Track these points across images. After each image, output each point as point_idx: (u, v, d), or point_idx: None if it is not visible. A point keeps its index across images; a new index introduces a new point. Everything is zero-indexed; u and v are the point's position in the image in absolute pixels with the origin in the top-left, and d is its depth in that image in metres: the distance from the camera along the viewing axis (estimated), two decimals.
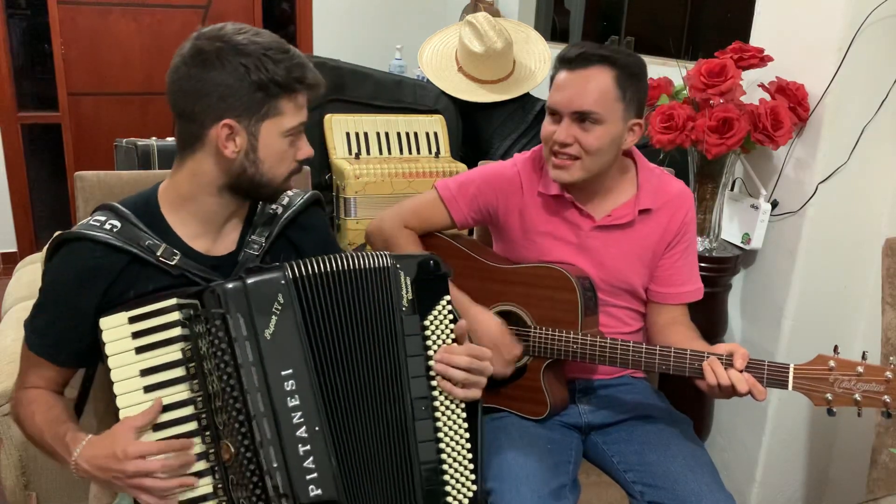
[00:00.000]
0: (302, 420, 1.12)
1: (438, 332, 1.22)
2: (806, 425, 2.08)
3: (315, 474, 1.11)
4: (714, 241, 1.99)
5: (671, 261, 1.58)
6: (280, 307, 1.13)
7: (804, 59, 1.84)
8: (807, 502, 2.18)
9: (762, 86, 1.87)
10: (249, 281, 1.11)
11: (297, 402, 1.12)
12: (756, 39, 1.98)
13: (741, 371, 1.31)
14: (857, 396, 1.25)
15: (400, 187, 2.21)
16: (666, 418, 1.57)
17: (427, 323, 1.22)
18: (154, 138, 2.22)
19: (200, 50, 1.13)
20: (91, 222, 1.20)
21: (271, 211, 1.31)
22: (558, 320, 1.49)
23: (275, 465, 1.10)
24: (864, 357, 1.27)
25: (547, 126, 1.49)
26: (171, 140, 2.27)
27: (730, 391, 1.32)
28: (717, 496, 1.38)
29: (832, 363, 1.27)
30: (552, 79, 1.49)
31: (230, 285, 1.11)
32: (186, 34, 1.19)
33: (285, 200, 1.33)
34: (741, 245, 1.99)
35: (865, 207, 1.93)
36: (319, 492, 1.11)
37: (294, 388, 1.12)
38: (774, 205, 1.94)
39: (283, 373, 1.11)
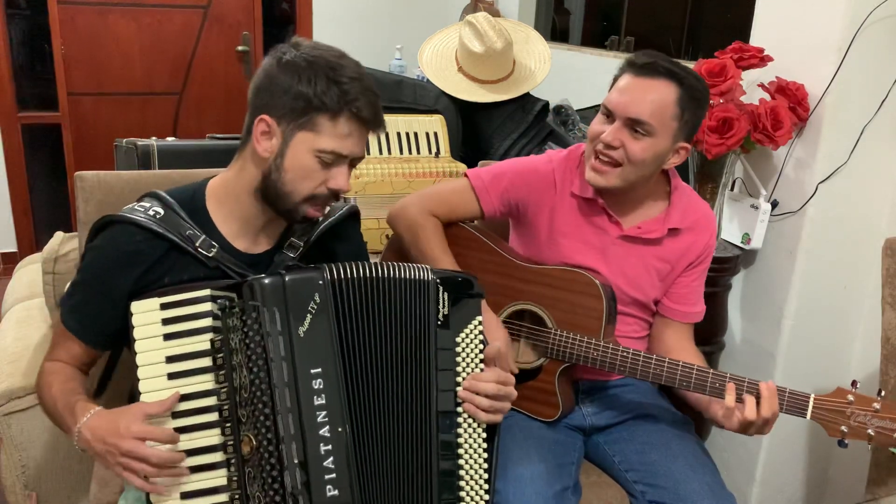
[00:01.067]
0: (326, 419, 1.12)
1: (469, 350, 1.24)
2: (806, 425, 2.08)
3: (333, 475, 1.12)
4: (715, 245, 1.99)
5: (688, 280, 1.59)
6: (316, 307, 1.14)
7: (804, 59, 1.84)
8: (807, 502, 2.18)
9: (762, 86, 1.87)
10: (288, 278, 1.13)
11: (323, 402, 1.12)
12: (756, 39, 1.98)
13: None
14: (871, 431, 1.28)
15: (400, 187, 2.21)
16: (667, 418, 1.57)
17: (459, 340, 1.23)
18: (154, 138, 2.22)
19: (283, 53, 1.19)
20: (136, 207, 1.24)
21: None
22: (579, 325, 1.48)
23: (295, 461, 1.10)
24: (879, 394, 1.30)
25: (597, 125, 1.47)
26: (171, 140, 2.28)
27: (746, 422, 1.33)
28: (719, 496, 1.39)
29: (851, 397, 1.30)
30: (615, 79, 1.47)
31: (268, 280, 1.12)
32: (186, 34, 1.20)
33: (326, 210, 1.34)
34: (741, 245, 1.99)
35: (865, 207, 1.93)
36: (336, 492, 1.12)
37: (322, 387, 1.12)
38: (774, 205, 1.94)
39: (312, 371, 1.12)
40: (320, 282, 1.14)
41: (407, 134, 2.37)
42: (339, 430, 1.13)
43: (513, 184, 1.60)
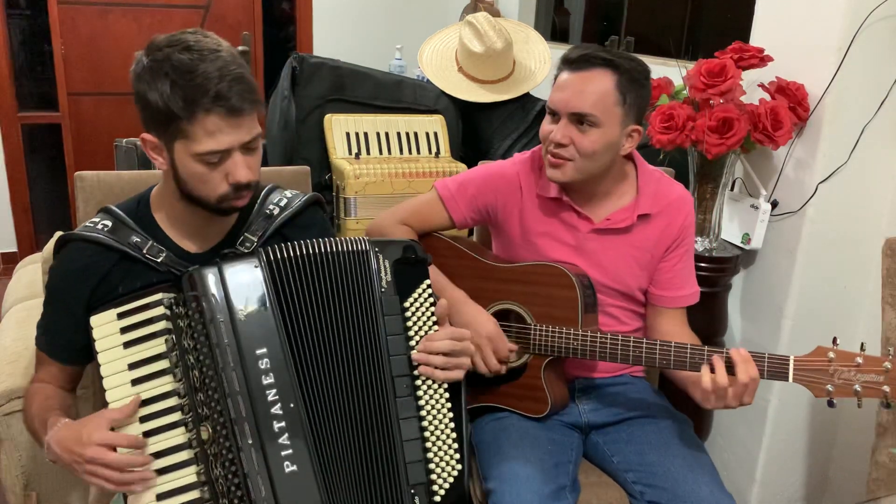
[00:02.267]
0: (277, 397, 1.14)
1: (419, 313, 1.24)
2: (806, 425, 2.08)
3: (290, 450, 1.13)
4: (714, 241, 1.99)
5: (670, 264, 1.59)
6: (255, 288, 1.15)
7: (804, 59, 1.84)
8: (807, 502, 2.18)
9: (762, 86, 1.87)
10: (224, 264, 1.15)
11: (272, 380, 1.14)
12: (756, 39, 1.98)
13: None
14: (857, 387, 1.26)
15: (400, 187, 2.21)
16: (666, 418, 1.57)
17: (407, 305, 1.24)
18: None
19: (138, 61, 1.14)
20: (87, 224, 1.26)
21: (267, 211, 1.32)
22: (558, 318, 1.49)
23: (249, 441, 1.11)
24: (862, 348, 1.28)
25: (545, 125, 1.49)
26: None
27: (724, 389, 1.32)
28: (718, 496, 1.38)
29: (831, 354, 1.28)
30: (555, 78, 1.49)
31: (205, 269, 1.14)
32: None
33: (283, 202, 1.34)
34: (741, 245, 1.99)
35: (865, 207, 1.93)
36: (295, 468, 1.13)
37: (269, 366, 1.14)
38: (774, 205, 1.94)
39: (257, 352, 1.14)
40: (256, 265, 1.16)
41: (407, 134, 2.37)
42: (291, 405, 1.14)
43: (480, 190, 1.61)
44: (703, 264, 1.91)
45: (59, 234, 1.80)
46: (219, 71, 1.09)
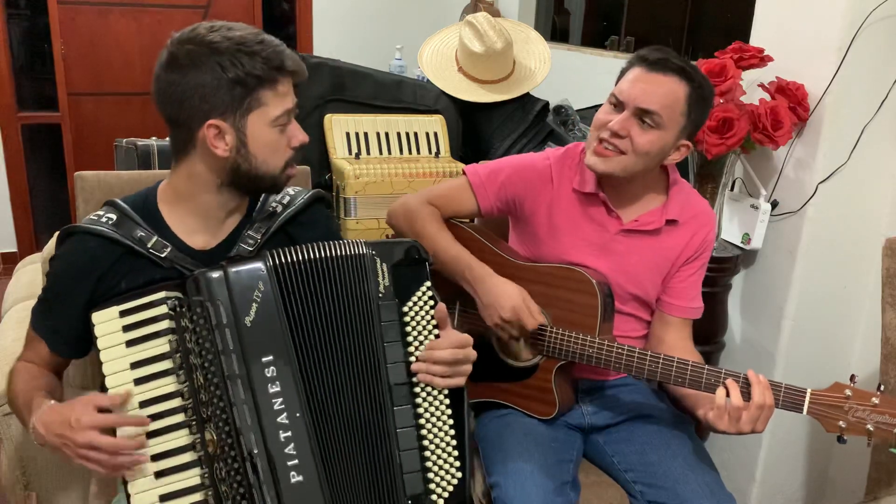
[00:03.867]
0: (283, 406, 1.13)
1: (419, 318, 1.23)
2: (806, 425, 2.08)
3: (296, 460, 1.12)
4: (714, 241, 1.99)
5: (686, 274, 1.58)
6: (261, 295, 1.14)
7: (804, 59, 1.84)
8: (807, 502, 2.18)
9: (762, 86, 1.87)
10: (230, 269, 1.13)
11: (279, 389, 1.13)
12: (756, 39, 1.98)
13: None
14: (870, 427, 1.26)
15: (400, 187, 2.21)
16: (667, 418, 1.57)
17: (406, 309, 1.22)
18: (154, 138, 2.22)
19: (174, 55, 1.15)
20: (91, 216, 1.25)
21: (271, 208, 1.32)
22: (575, 323, 1.48)
23: (255, 451, 1.10)
24: (879, 388, 1.28)
25: (603, 114, 1.47)
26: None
27: (737, 415, 1.31)
28: (718, 496, 1.39)
29: (848, 392, 1.28)
30: (623, 72, 1.48)
31: (211, 274, 1.12)
32: None
33: (286, 199, 1.34)
34: (741, 245, 1.99)
35: (865, 207, 1.93)
36: (301, 478, 1.12)
37: (275, 374, 1.13)
38: (774, 205, 1.94)
39: (263, 360, 1.12)
40: (263, 270, 1.15)
41: (407, 134, 2.37)
42: (297, 415, 1.13)
43: (510, 179, 1.60)
44: None
45: (63, 228, 1.80)
46: (273, 40, 1.17)
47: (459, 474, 1.23)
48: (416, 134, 2.38)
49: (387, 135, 2.34)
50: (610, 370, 1.50)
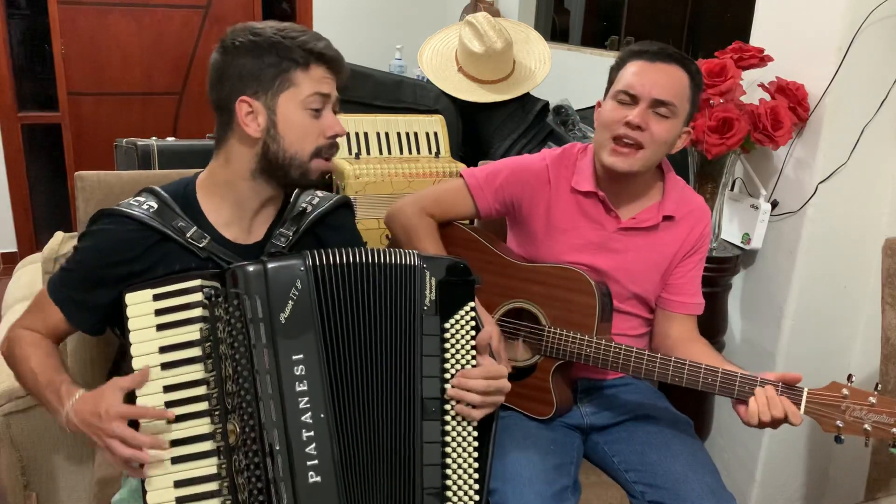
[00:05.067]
0: (308, 406, 1.13)
1: (458, 336, 1.23)
2: (806, 425, 2.07)
3: (316, 461, 1.12)
4: (714, 241, 1.99)
5: (685, 270, 1.59)
6: (297, 293, 1.14)
7: (804, 59, 1.84)
8: (807, 502, 2.18)
9: (762, 86, 1.87)
10: (269, 265, 1.14)
11: (305, 388, 1.13)
12: (756, 39, 1.98)
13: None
14: (867, 426, 1.26)
15: (400, 187, 2.20)
16: (667, 418, 1.57)
17: (448, 326, 1.22)
18: (154, 138, 2.22)
19: (223, 42, 1.23)
20: (131, 202, 1.26)
21: (301, 208, 1.34)
22: (573, 323, 1.49)
23: (277, 447, 1.10)
24: (876, 388, 1.29)
25: (616, 111, 1.47)
26: (170, 140, 2.28)
27: (768, 419, 1.31)
28: (718, 496, 1.39)
29: (846, 391, 1.28)
30: (619, 70, 1.49)
31: (250, 268, 1.13)
32: (186, 34, 1.23)
33: (315, 200, 1.37)
34: (741, 245, 1.99)
35: (865, 207, 1.93)
36: (318, 479, 1.12)
37: (303, 373, 1.13)
38: (774, 205, 1.94)
39: (294, 357, 1.13)
40: (301, 268, 1.15)
41: (407, 134, 2.37)
42: (322, 415, 1.13)
43: (508, 181, 1.60)
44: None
45: (60, 233, 1.80)
46: (318, 35, 1.24)
47: (477, 497, 1.23)
48: (416, 134, 2.38)
49: (387, 135, 2.34)
50: (608, 370, 1.50)
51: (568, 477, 1.44)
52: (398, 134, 2.36)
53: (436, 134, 2.40)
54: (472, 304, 1.24)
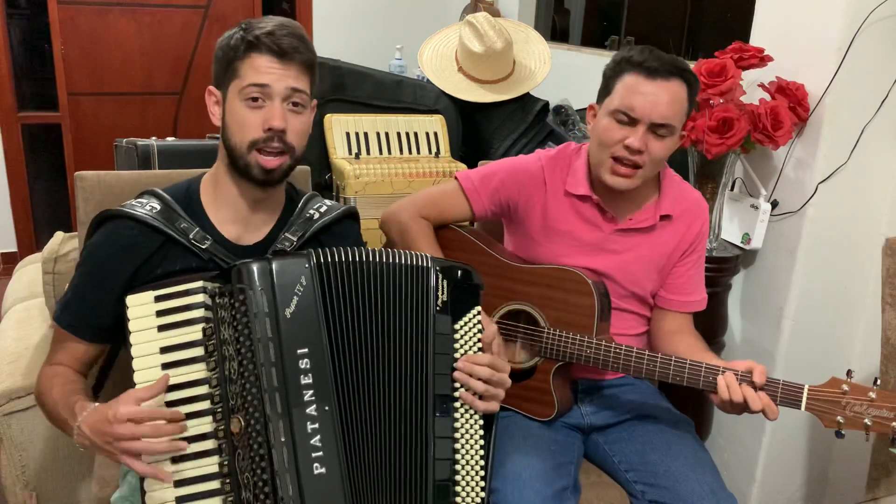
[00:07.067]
0: (313, 398, 1.13)
1: (467, 337, 1.25)
2: (806, 426, 2.08)
3: (321, 453, 1.13)
4: (714, 241, 1.99)
5: (684, 269, 1.59)
6: (302, 289, 1.15)
7: (804, 59, 1.84)
8: (807, 502, 2.18)
9: (762, 86, 1.87)
10: (275, 262, 1.15)
11: (310, 381, 1.13)
12: (756, 39, 1.98)
13: (758, 389, 1.32)
14: (868, 421, 1.27)
15: (400, 187, 2.21)
16: (667, 418, 1.57)
17: (457, 327, 1.25)
18: (154, 138, 2.21)
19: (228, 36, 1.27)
20: (134, 203, 1.27)
21: (308, 214, 1.36)
22: (572, 324, 1.49)
23: (282, 439, 1.11)
24: (875, 383, 1.29)
25: (615, 132, 1.45)
26: (170, 140, 2.27)
27: (741, 408, 1.33)
28: (719, 496, 1.39)
29: (846, 387, 1.29)
30: (615, 80, 1.46)
31: (256, 264, 1.14)
32: (186, 34, 1.24)
33: (323, 208, 1.38)
34: (741, 245, 1.99)
35: (865, 207, 1.93)
36: (323, 470, 1.12)
37: (308, 366, 1.14)
38: (774, 205, 1.94)
39: (299, 351, 1.14)
40: (306, 265, 1.17)
41: (407, 134, 2.37)
42: (326, 408, 1.14)
43: (503, 183, 1.60)
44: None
45: (60, 233, 1.80)
46: (277, 24, 1.23)
47: (483, 494, 1.25)
48: (416, 134, 2.38)
49: (387, 135, 2.34)
50: (608, 370, 1.50)
51: (568, 477, 1.44)
52: (398, 134, 2.36)
53: (436, 134, 2.40)
54: (478, 307, 1.27)
